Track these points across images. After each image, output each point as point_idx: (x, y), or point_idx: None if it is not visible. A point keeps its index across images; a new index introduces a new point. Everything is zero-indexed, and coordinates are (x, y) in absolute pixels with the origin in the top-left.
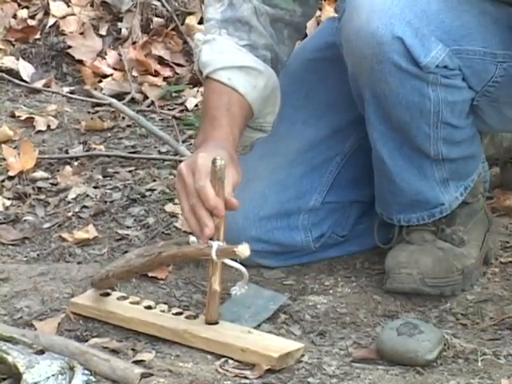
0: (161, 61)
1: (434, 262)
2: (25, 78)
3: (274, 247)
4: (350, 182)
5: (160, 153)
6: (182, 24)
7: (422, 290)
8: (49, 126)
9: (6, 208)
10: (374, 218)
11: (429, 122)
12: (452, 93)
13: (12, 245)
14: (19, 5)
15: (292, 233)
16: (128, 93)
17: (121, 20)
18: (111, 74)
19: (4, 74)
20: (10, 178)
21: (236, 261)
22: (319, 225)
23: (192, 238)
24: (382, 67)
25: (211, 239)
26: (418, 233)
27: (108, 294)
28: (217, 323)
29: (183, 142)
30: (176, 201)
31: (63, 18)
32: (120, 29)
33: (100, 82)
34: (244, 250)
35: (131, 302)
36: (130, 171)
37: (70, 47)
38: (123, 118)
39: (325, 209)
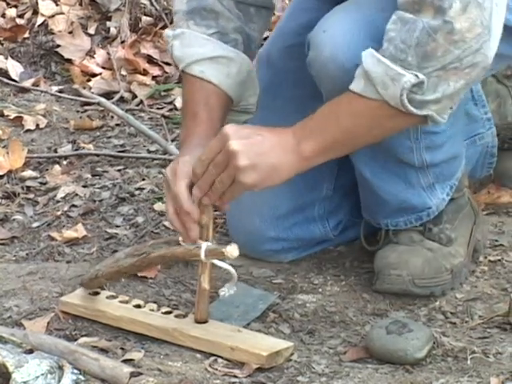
0: (150, 60)
1: (424, 263)
2: (13, 77)
3: (294, 243)
4: None
5: (149, 152)
6: (171, 23)
7: (412, 291)
8: (38, 125)
9: None
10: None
11: (409, 136)
12: None
13: (1, 244)
14: (8, 4)
15: (310, 226)
16: (117, 92)
17: (109, 19)
18: (100, 73)
19: None
20: None
21: (225, 261)
22: (335, 212)
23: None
24: None
25: (200, 239)
26: (405, 233)
27: (97, 293)
28: (206, 322)
29: (172, 140)
30: (165, 199)
31: (52, 17)
32: (109, 28)
33: (89, 80)
34: (232, 250)
35: (120, 301)
36: (118, 170)
37: (58, 46)
38: (112, 116)
39: (338, 194)
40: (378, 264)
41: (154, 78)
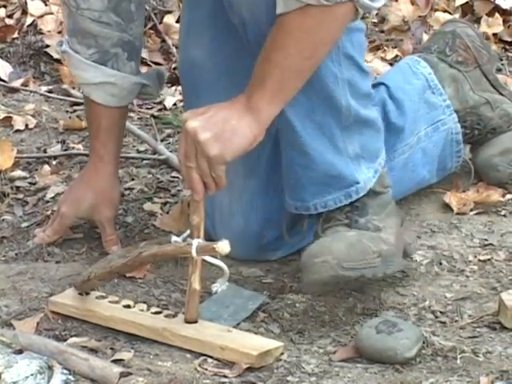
0: None
1: (348, 247)
2: (3, 77)
3: (280, 230)
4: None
5: (138, 152)
6: (160, 23)
7: (341, 274)
8: (27, 126)
9: None
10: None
11: (332, 57)
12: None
13: None
14: None
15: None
16: None
17: None
18: None
19: None
20: None
21: (216, 257)
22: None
23: (174, 238)
24: None
25: (191, 237)
26: (332, 229)
27: (87, 294)
28: (196, 322)
29: (162, 140)
30: (155, 200)
31: (41, 16)
32: None
33: None
34: (224, 246)
35: (110, 301)
36: None
37: (47, 46)
38: None
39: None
40: (301, 259)
41: None
